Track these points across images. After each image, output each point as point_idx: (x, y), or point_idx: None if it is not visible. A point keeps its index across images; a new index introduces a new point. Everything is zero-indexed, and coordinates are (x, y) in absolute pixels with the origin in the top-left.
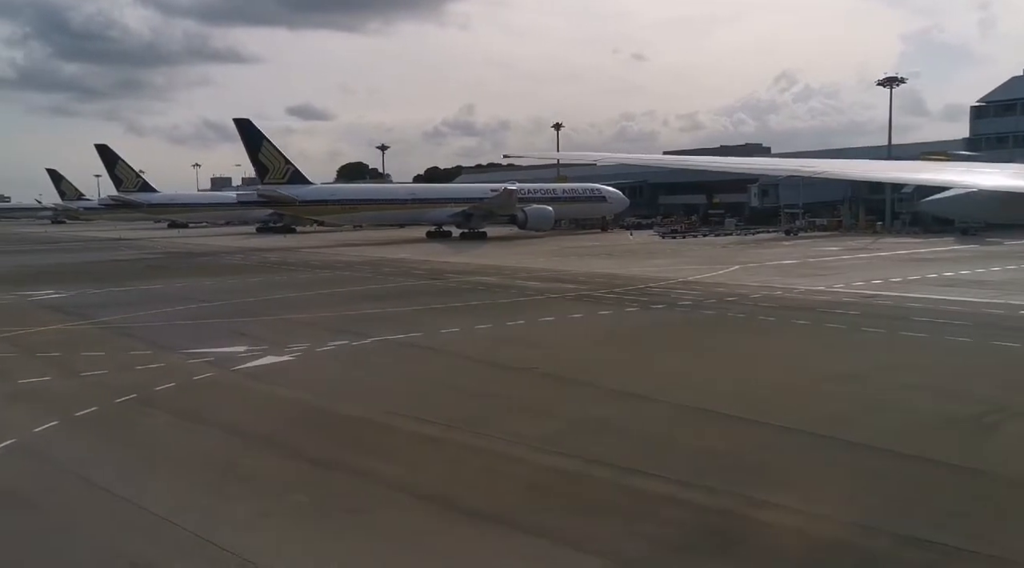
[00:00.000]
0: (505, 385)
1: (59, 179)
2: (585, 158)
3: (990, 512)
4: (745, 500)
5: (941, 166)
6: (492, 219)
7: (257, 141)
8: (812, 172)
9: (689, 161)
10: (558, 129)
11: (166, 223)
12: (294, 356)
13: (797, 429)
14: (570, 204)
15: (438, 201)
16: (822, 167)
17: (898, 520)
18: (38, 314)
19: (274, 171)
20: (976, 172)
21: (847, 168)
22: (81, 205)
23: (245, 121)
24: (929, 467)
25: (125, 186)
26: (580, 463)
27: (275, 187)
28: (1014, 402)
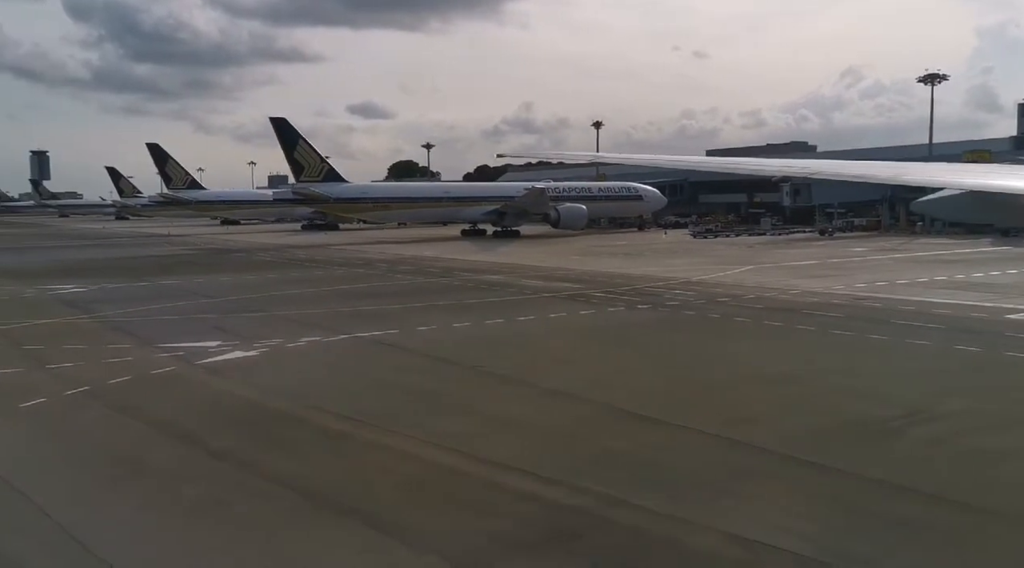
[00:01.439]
0: (444, 383)
1: (118, 177)
2: (583, 158)
3: (839, 514)
4: (606, 499)
5: (932, 167)
6: (527, 218)
7: (293, 140)
8: (801, 173)
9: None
10: (598, 128)
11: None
12: (260, 352)
13: (702, 430)
14: (606, 203)
15: (472, 199)
16: (815, 167)
17: (737, 522)
18: (49, 307)
19: (309, 169)
20: (964, 173)
21: (839, 168)
22: (138, 202)
23: (281, 120)
24: (804, 470)
25: (175, 184)
26: (467, 461)
27: (309, 185)
28: (934, 407)
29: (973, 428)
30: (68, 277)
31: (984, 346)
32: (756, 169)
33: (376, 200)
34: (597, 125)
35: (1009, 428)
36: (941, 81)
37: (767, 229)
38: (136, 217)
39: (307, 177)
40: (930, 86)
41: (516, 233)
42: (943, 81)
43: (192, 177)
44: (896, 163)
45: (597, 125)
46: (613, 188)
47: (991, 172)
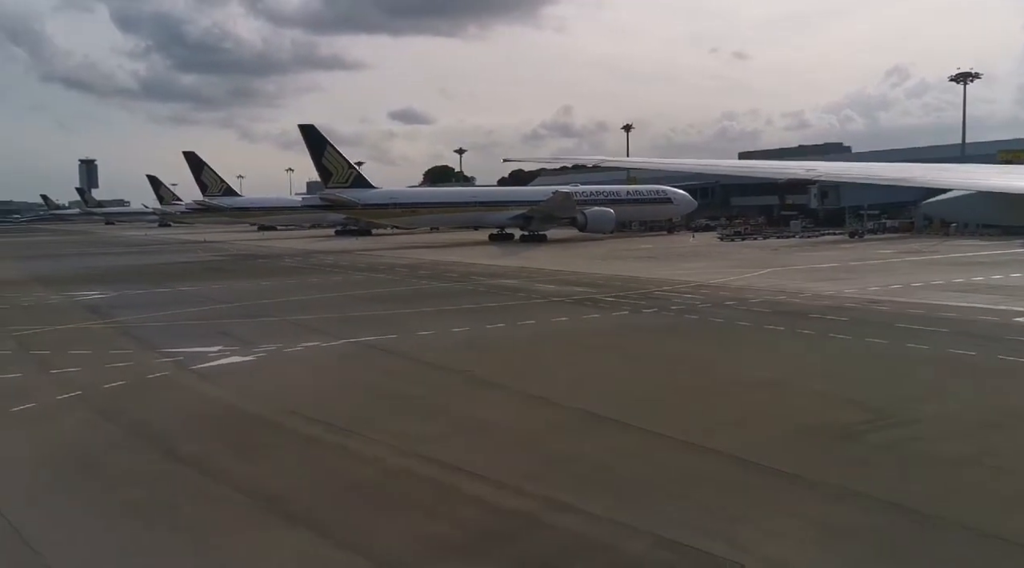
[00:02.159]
0: (425, 388)
1: (158, 185)
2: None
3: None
4: (551, 503)
5: (937, 168)
6: (554, 222)
7: (321, 146)
8: (804, 176)
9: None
10: (628, 131)
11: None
12: (257, 357)
13: (668, 435)
14: (634, 206)
15: (499, 204)
16: (820, 169)
17: (673, 527)
18: (68, 313)
19: (337, 175)
20: (970, 173)
21: (843, 170)
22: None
23: (309, 127)
24: (756, 476)
25: (210, 191)
26: (424, 464)
27: (337, 191)
28: (904, 412)
29: (934, 434)
30: (96, 283)
31: (981, 350)
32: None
33: (403, 205)
34: (627, 128)
35: (970, 434)
36: (973, 79)
37: (796, 232)
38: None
39: (335, 183)
40: (963, 84)
41: (543, 237)
42: (975, 79)
43: (227, 184)
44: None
45: (627, 128)
46: (642, 191)
47: (998, 173)
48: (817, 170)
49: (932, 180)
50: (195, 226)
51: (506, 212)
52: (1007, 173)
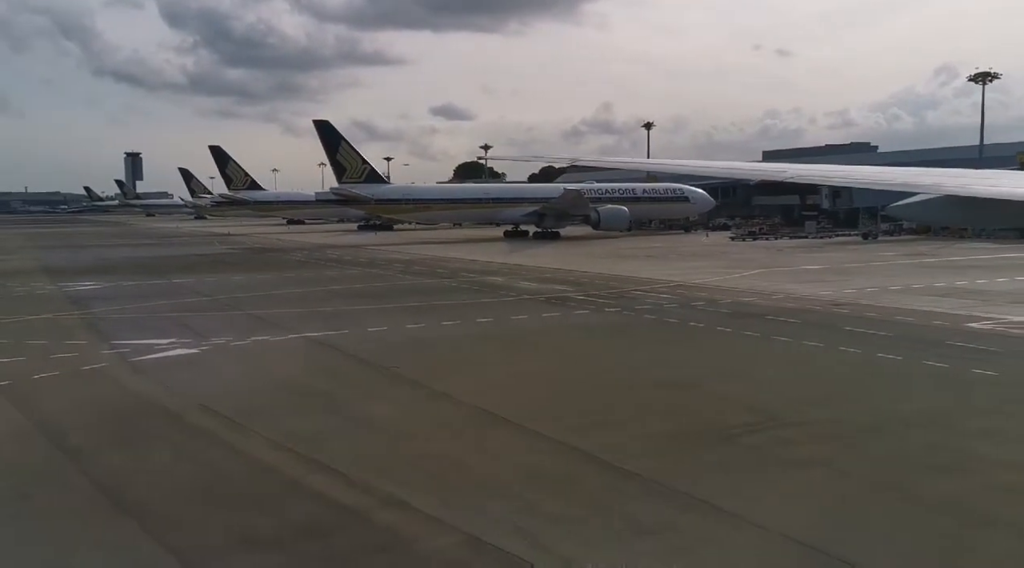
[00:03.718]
0: (340, 384)
1: (190, 177)
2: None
3: (600, 520)
4: (387, 500)
5: (914, 171)
6: (568, 219)
7: (336, 142)
8: (778, 177)
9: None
10: (649, 129)
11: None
12: (201, 350)
13: (546, 435)
14: (650, 204)
15: (512, 201)
16: (791, 171)
17: (487, 525)
18: (49, 303)
19: (351, 171)
20: (946, 177)
21: (827, 172)
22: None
23: (324, 122)
24: (605, 477)
25: (235, 185)
26: (289, 460)
27: (350, 186)
28: (794, 415)
29: (807, 437)
30: (97, 274)
31: (910, 355)
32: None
33: (416, 201)
34: (648, 126)
35: (841, 438)
36: (993, 79)
37: (810, 232)
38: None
39: (349, 178)
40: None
41: (556, 235)
42: (995, 79)
43: (252, 178)
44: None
45: (648, 126)
46: (659, 189)
47: (972, 176)
48: (787, 172)
49: (907, 183)
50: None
51: (520, 209)
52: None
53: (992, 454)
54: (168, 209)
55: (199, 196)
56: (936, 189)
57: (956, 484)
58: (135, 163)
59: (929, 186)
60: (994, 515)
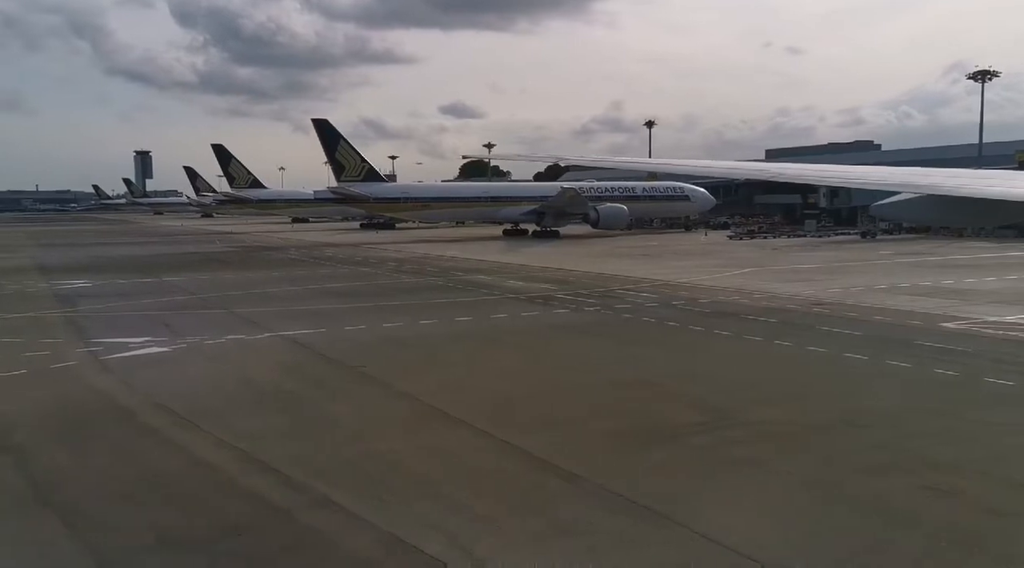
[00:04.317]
0: (308, 384)
1: (195, 176)
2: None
3: (522, 520)
4: (315, 499)
5: (889, 170)
6: (567, 218)
7: (335, 140)
8: (758, 176)
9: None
10: (650, 127)
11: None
12: (174, 348)
13: (490, 434)
14: (650, 203)
15: (510, 199)
16: (773, 169)
17: (407, 525)
18: (36, 301)
19: (350, 169)
20: (923, 176)
21: (800, 171)
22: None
23: (323, 121)
24: (539, 476)
25: (237, 183)
26: (233, 459)
27: (348, 185)
28: (743, 415)
29: (754, 437)
30: (91, 272)
31: (875, 355)
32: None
33: (415, 200)
34: (649, 124)
35: (787, 437)
36: (991, 78)
37: (809, 231)
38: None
39: (347, 177)
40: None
41: (555, 233)
42: (994, 78)
43: (254, 176)
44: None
45: (649, 124)
46: (658, 188)
47: (946, 176)
48: (769, 170)
49: (880, 181)
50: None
51: (519, 207)
52: (954, 177)
53: (931, 455)
54: (176, 208)
55: (202, 194)
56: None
57: (885, 484)
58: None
59: (898, 185)
60: (913, 516)
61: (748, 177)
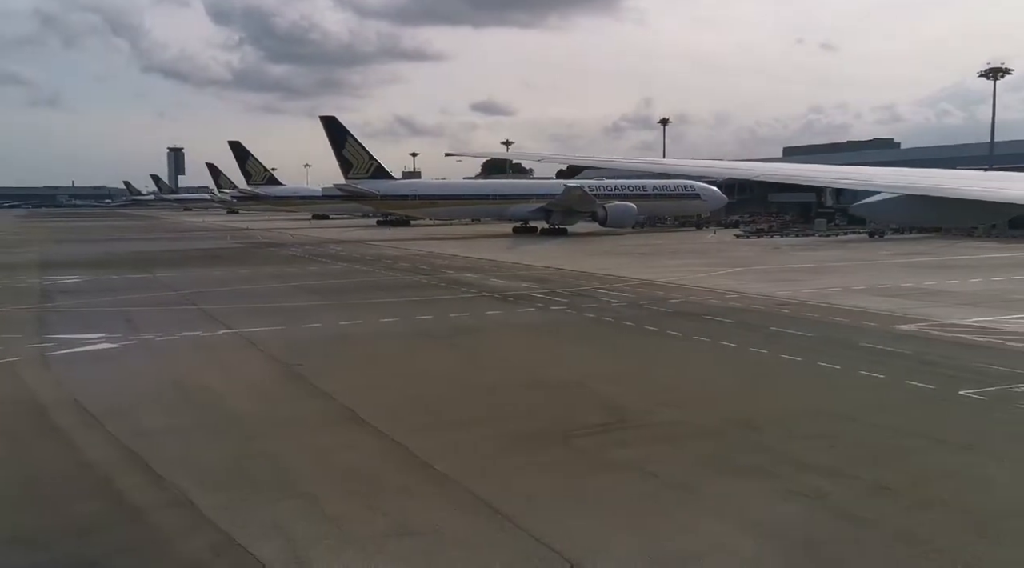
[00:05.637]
0: (236, 383)
1: (217, 173)
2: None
3: (363, 522)
4: (175, 499)
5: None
6: (576, 215)
7: (342, 138)
8: (744, 175)
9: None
10: (664, 125)
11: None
12: (124, 345)
13: (386, 434)
14: (660, 201)
15: (518, 197)
16: (759, 170)
17: (252, 527)
18: (17, 297)
19: (358, 166)
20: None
21: (790, 171)
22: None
23: (330, 118)
24: (410, 477)
25: (254, 180)
26: (117, 458)
27: (356, 182)
28: (648, 417)
29: (648, 438)
30: (87, 268)
31: (810, 357)
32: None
33: (423, 197)
34: (664, 122)
35: (680, 440)
36: (1004, 75)
37: (819, 230)
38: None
39: (355, 174)
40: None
41: (563, 231)
42: (1006, 75)
43: (271, 173)
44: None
45: (664, 122)
46: (669, 186)
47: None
48: (756, 170)
49: (862, 182)
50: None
51: (528, 205)
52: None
53: (810, 458)
54: (204, 204)
55: (222, 191)
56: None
57: (748, 487)
58: (177, 158)
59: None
60: (759, 520)
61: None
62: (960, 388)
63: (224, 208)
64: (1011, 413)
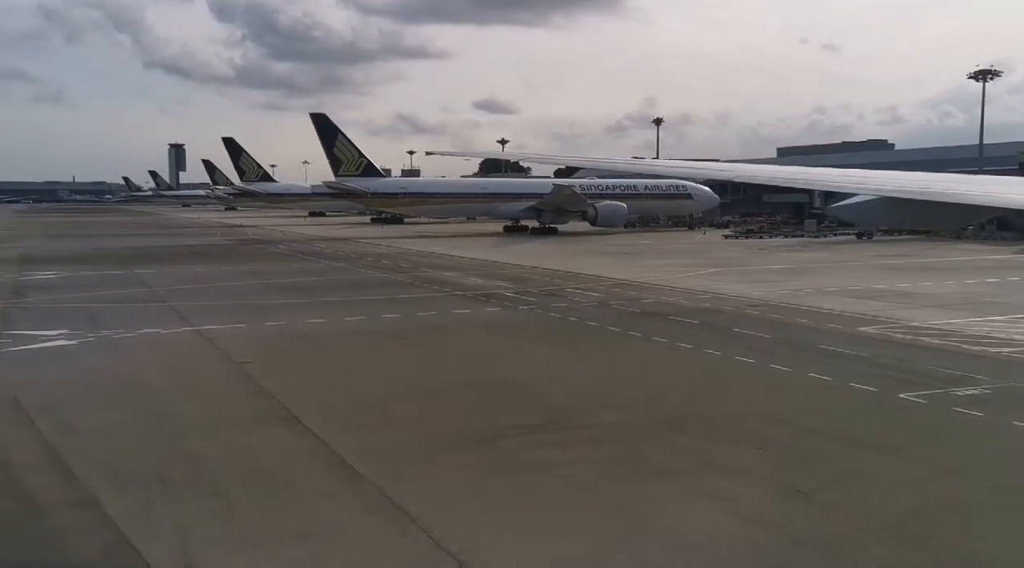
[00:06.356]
0: (180, 380)
1: (213, 169)
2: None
3: (254, 519)
4: (84, 500)
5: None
6: (566, 214)
7: (332, 135)
8: (719, 175)
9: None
10: (658, 124)
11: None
12: (81, 342)
13: (314, 434)
14: (651, 201)
15: (508, 196)
16: (736, 170)
17: (150, 529)
18: None
19: (348, 164)
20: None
21: (759, 172)
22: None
23: (321, 116)
24: (325, 477)
25: (248, 177)
26: (41, 456)
27: (345, 179)
28: (582, 418)
29: (575, 439)
30: (67, 264)
31: (764, 359)
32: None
33: (412, 195)
34: (657, 122)
35: (608, 442)
36: (993, 77)
37: (808, 231)
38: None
39: (345, 172)
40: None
41: (553, 230)
42: (995, 78)
43: (264, 170)
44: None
45: (657, 122)
46: (661, 186)
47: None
48: (733, 171)
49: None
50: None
51: (515, 204)
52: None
53: (731, 461)
54: (203, 200)
55: (217, 187)
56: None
57: (659, 489)
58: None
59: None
60: (660, 523)
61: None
62: (901, 391)
63: (222, 205)
64: (943, 416)
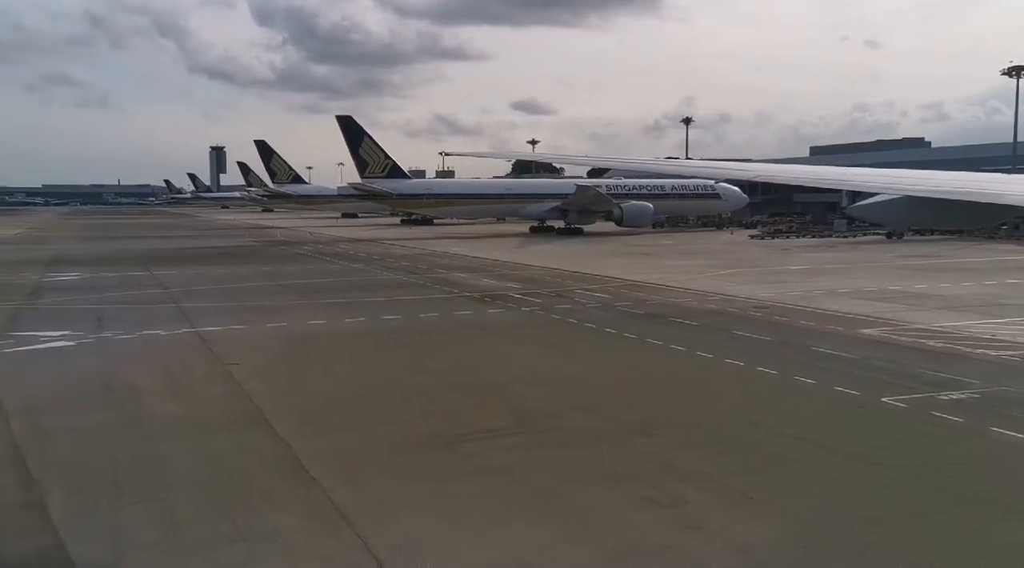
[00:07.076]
0: (165, 382)
1: (247, 171)
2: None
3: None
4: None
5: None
6: (592, 215)
7: (359, 137)
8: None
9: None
10: (687, 123)
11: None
12: (81, 343)
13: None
14: (679, 201)
15: (533, 197)
16: (756, 169)
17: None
18: (7, 294)
19: (373, 166)
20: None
21: (786, 172)
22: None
23: (347, 118)
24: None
25: (279, 178)
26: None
27: (371, 181)
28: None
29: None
30: (91, 265)
31: (752, 362)
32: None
33: (437, 196)
34: (686, 121)
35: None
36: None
37: (837, 231)
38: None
39: (371, 173)
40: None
41: (579, 231)
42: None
43: (295, 172)
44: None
45: (686, 121)
46: (689, 186)
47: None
48: (757, 171)
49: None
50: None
51: (540, 205)
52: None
53: (691, 465)
54: (241, 202)
55: (251, 189)
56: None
57: (610, 494)
58: (220, 157)
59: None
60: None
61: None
62: (885, 395)
63: (259, 206)
64: (920, 421)
